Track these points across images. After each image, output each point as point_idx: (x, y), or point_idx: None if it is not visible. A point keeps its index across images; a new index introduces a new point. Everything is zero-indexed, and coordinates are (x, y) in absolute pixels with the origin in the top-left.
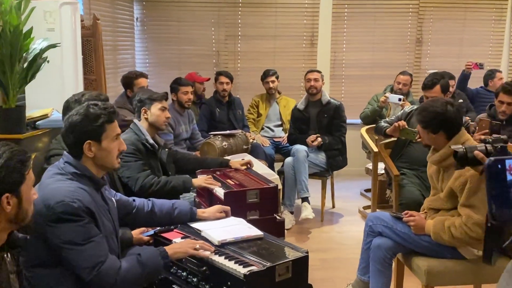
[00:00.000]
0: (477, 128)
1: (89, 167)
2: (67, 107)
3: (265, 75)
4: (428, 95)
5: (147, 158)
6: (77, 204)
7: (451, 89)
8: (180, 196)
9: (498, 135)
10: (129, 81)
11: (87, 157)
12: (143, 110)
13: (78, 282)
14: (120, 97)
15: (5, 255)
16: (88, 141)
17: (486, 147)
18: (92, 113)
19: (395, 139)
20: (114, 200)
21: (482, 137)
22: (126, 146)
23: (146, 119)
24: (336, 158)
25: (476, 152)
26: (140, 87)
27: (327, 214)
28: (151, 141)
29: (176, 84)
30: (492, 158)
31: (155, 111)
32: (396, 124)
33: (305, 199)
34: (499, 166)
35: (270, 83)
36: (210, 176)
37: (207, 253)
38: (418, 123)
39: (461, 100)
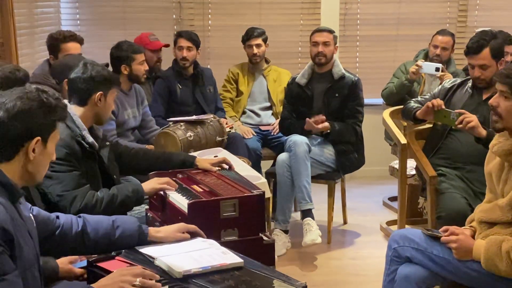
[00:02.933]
0: None
1: (8, 172)
2: None
3: (248, 36)
4: (473, 63)
5: (83, 162)
6: None
7: (509, 57)
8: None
9: None
10: (55, 43)
11: (19, 160)
12: (99, 95)
13: None
14: (40, 69)
15: None
16: (38, 137)
17: None
18: (51, 104)
19: (431, 125)
20: (32, 217)
21: None
22: (57, 149)
23: (95, 106)
24: (349, 155)
25: None
26: (68, 54)
27: (336, 233)
28: (90, 139)
29: (125, 54)
30: None
31: (110, 99)
32: (429, 103)
33: (307, 213)
34: None
35: (254, 47)
36: (167, 179)
37: None
38: (508, 89)
39: None
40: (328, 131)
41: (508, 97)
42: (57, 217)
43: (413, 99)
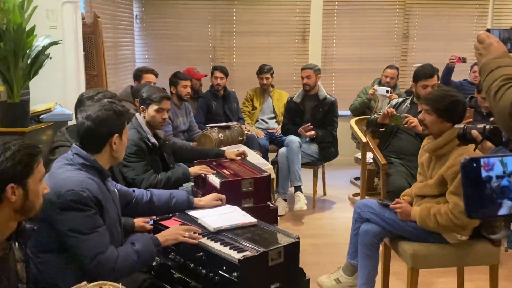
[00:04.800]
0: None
1: (100, 160)
2: (80, 102)
3: (261, 71)
4: (428, 84)
5: (148, 155)
6: (86, 193)
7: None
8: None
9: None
10: (139, 74)
11: (106, 151)
12: (142, 108)
13: (81, 269)
14: (124, 91)
15: (13, 244)
16: (117, 134)
17: (484, 126)
18: (120, 110)
19: (383, 129)
20: (116, 190)
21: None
22: (130, 147)
23: (144, 117)
24: (328, 149)
25: (473, 131)
26: (146, 81)
27: (318, 201)
28: (153, 140)
29: (176, 78)
30: (467, 157)
31: (151, 111)
32: (385, 111)
33: (298, 188)
34: (474, 164)
35: (264, 79)
36: (205, 166)
37: (195, 241)
38: (435, 111)
39: None
40: (314, 136)
41: (430, 113)
42: (133, 190)
43: (374, 115)
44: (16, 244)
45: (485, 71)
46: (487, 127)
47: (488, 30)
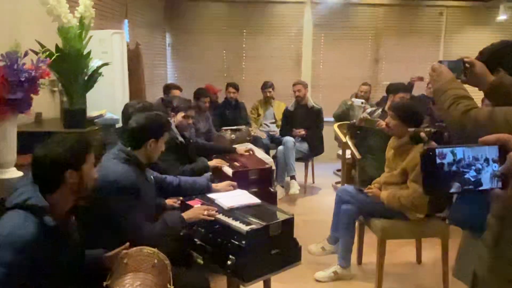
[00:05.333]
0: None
1: (139, 155)
2: (127, 109)
3: (265, 86)
4: (404, 96)
5: (177, 151)
6: (128, 182)
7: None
8: None
9: (441, 123)
10: (168, 88)
11: (143, 149)
12: (172, 114)
13: (123, 242)
14: (157, 102)
15: (71, 217)
16: (153, 139)
17: (430, 130)
18: (162, 123)
19: (359, 131)
20: (152, 178)
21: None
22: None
23: (174, 121)
24: (316, 147)
25: (421, 133)
26: (174, 95)
27: (308, 187)
28: (180, 139)
29: (199, 94)
30: (425, 148)
31: (179, 117)
32: (361, 116)
33: (292, 177)
34: (431, 153)
35: (267, 92)
36: (221, 160)
37: (212, 218)
38: (397, 117)
39: None
40: (305, 136)
41: (395, 118)
42: (165, 177)
43: (353, 121)
44: (73, 217)
45: (439, 93)
46: (432, 130)
47: (440, 61)
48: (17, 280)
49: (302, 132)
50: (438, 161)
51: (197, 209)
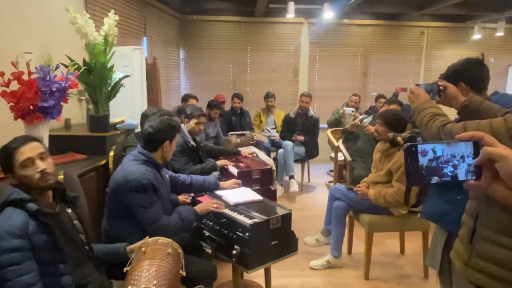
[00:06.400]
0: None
1: (156, 156)
2: (146, 116)
3: (267, 96)
4: (396, 107)
5: (189, 153)
6: (146, 181)
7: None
8: None
9: (415, 130)
10: (186, 98)
11: (160, 151)
12: (185, 121)
13: (141, 230)
14: (173, 109)
15: (68, 209)
16: (168, 141)
17: (406, 134)
18: (174, 125)
19: (351, 136)
20: (167, 176)
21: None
22: (177, 147)
23: (187, 126)
24: (312, 150)
25: (398, 138)
26: (190, 104)
27: (305, 186)
28: (192, 142)
29: (212, 105)
30: (408, 144)
31: (191, 123)
32: (353, 123)
33: (291, 177)
34: (413, 149)
35: (269, 102)
36: (227, 160)
37: (220, 210)
38: (384, 124)
39: None
40: (303, 141)
41: (382, 125)
42: (179, 176)
43: (346, 127)
44: (69, 209)
45: (417, 112)
46: (407, 135)
47: (417, 84)
48: (25, 261)
49: (302, 138)
50: (419, 157)
51: (207, 203)
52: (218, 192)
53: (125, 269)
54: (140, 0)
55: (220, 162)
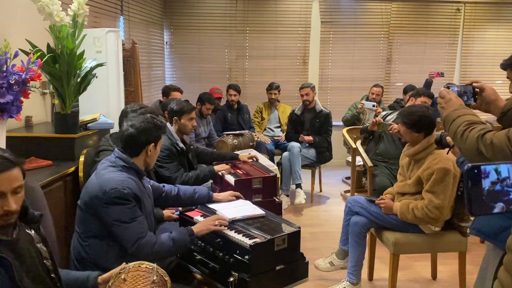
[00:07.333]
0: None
1: (137, 162)
2: (125, 113)
3: (270, 87)
4: (425, 101)
5: (178, 157)
6: (127, 190)
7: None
8: None
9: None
10: (168, 90)
11: (143, 155)
12: (175, 119)
13: (121, 251)
14: (154, 104)
15: (30, 231)
16: (152, 144)
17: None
18: (159, 125)
19: (372, 136)
20: (150, 186)
21: None
22: (163, 151)
23: (176, 125)
24: (324, 153)
25: (448, 137)
26: (173, 98)
27: (315, 196)
28: (181, 144)
29: (204, 99)
30: (469, 165)
31: (184, 121)
32: (374, 120)
33: (298, 185)
34: (476, 171)
35: (273, 94)
36: (225, 165)
37: (225, 227)
38: (404, 124)
39: None
40: (312, 142)
41: (403, 125)
42: (163, 186)
43: (365, 125)
44: (32, 231)
45: (448, 121)
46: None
47: (448, 87)
48: None
49: (310, 138)
50: (483, 184)
51: (207, 221)
52: (211, 206)
53: None
54: None
55: (217, 167)
